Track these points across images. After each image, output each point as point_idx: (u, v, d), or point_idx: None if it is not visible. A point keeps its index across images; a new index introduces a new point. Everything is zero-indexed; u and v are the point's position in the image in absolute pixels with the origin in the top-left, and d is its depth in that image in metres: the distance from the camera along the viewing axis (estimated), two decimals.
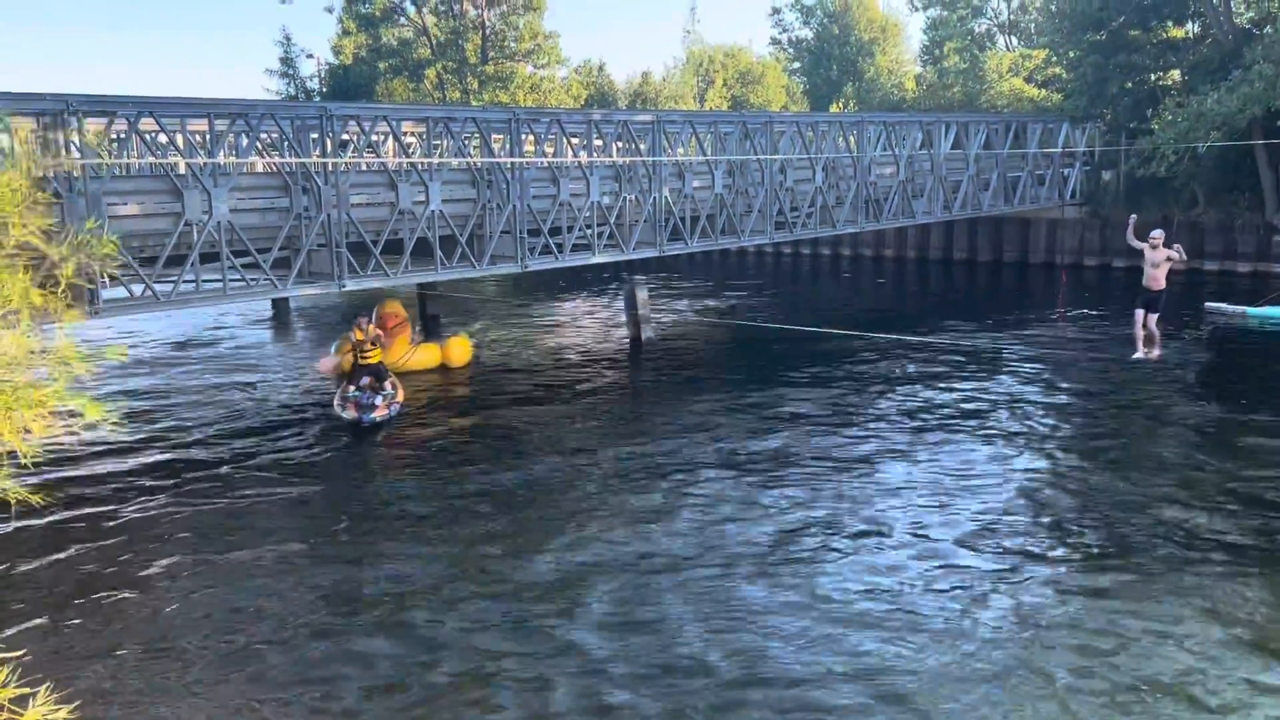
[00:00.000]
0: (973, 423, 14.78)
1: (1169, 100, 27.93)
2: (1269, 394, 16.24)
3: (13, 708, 4.45)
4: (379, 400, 15.63)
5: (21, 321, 4.38)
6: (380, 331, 17.25)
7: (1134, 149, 29.15)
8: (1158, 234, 16.99)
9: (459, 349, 20.08)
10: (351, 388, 16.07)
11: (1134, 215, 18.61)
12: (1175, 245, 16.83)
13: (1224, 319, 21.80)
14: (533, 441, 14.52)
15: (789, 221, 22.36)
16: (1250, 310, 22.11)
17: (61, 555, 10.53)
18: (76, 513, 11.71)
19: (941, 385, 16.98)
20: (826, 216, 23.15)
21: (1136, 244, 17.62)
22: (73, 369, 4.39)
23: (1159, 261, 16.77)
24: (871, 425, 14.79)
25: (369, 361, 16.44)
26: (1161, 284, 16.87)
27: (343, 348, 17.37)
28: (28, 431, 4.41)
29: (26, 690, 4.52)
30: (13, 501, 4.64)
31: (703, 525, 11.02)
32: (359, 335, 16.48)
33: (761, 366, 18.66)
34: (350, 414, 15.24)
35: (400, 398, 16.21)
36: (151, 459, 13.84)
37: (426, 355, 19.65)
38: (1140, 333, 17.23)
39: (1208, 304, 23.30)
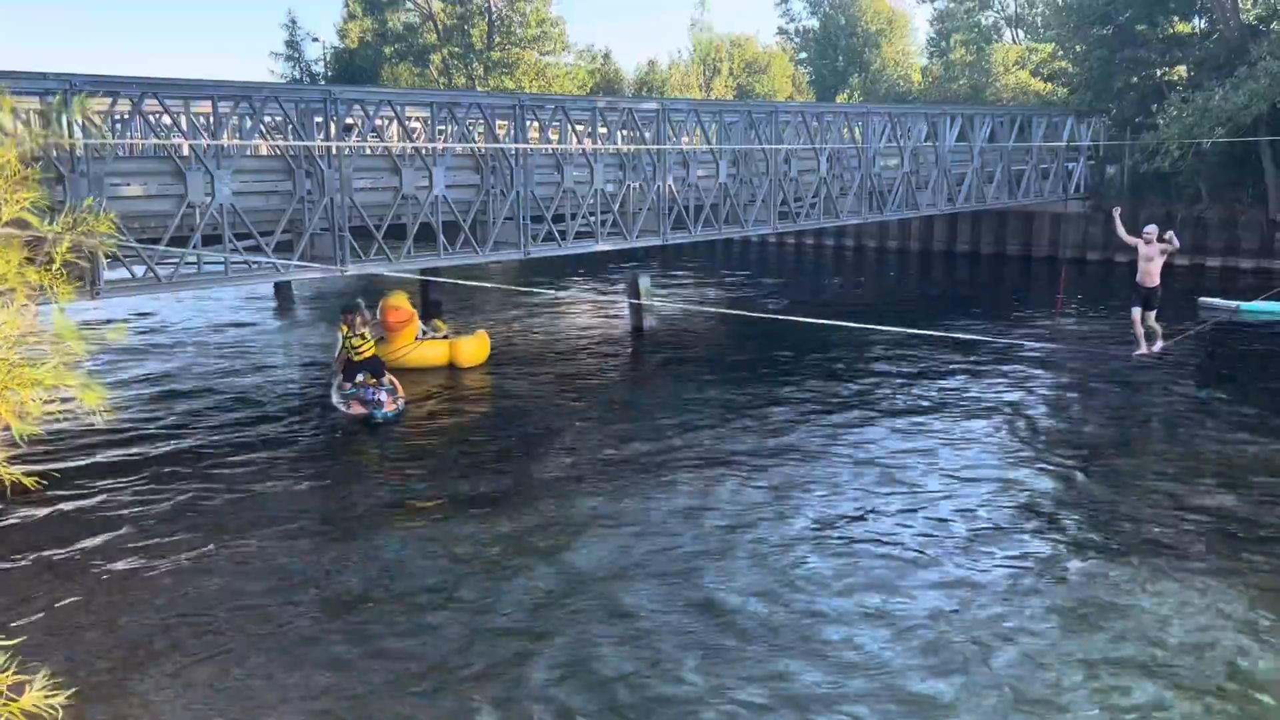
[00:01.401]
0: (967, 414, 14.80)
1: (1174, 95, 27.86)
2: (1266, 387, 16.25)
3: (9, 694, 4.46)
4: (384, 395, 14.93)
5: (16, 299, 4.36)
6: (371, 321, 16.28)
7: (1139, 144, 29.09)
8: (1151, 229, 16.91)
9: (474, 346, 18.56)
10: (348, 385, 15.36)
11: (1118, 208, 18.51)
12: (1168, 233, 16.75)
13: (1216, 314, 21.83)
14: (534, 429, 14.54)
15: (793, 212, 22.34)
16: (1242, 305, 22.13)
17: (60, 541, 10.54)
18: (75, 499, 11.72)
19: (939, 378, 17.01)
20: (830, 207, 23.13)
21: (1128, 239, 17.47)
22: (69, 348, 4.38)
23: (1153, 256, 16.69)
24: (871, 416, 14.81)
25: (363, 357, 15.63)
26: (1156, 279, 16.77)
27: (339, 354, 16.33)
28: (24, 412, 4.41)
29: (24, 677, 4.54)
30: (8, 482, 4.63)
31: (703, 516, 11.04)
32: (345, 330, 15.65)
33: (762, 356, 18.67)
34: (357, 411, 14.70)
35: (401, 393, 15.49)
36: (152, 446, 13.85)
37: (431, 351, 18.22)
38: (1140, 331, 17.16)
39: (1200, 299, 23.31)
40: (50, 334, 4.38)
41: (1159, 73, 31.63)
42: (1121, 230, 17.56)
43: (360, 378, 15.42)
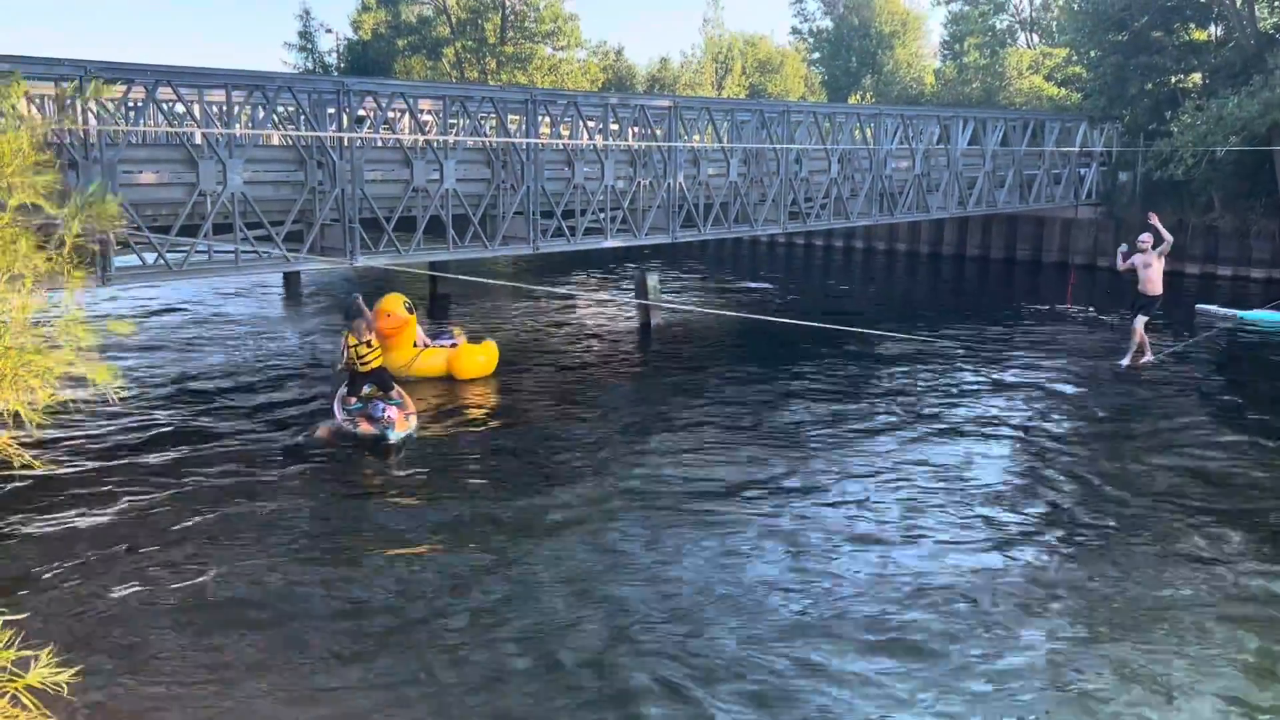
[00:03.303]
0: (971, 418, 14.77)
1: (1189, 103, 27.77)
2: (1261, 394, 16.23)
3: (15, 670, 4.48)
4: (393, 411, 13.50)
5: (26, 284, 4.38)
6: (375, 329, 14.81)
7: (1152, 151, 29.00)
8: (1145, 238, 16.76)
9: (478, 357, 16.99)
10: (353, 400, 14.14)
11: (1124, 246, 17.64)
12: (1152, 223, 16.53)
13: (1214, 322, 21.82)
14: (540, 429, 14.55)
15: (803, 212, 22.31)
16: (1241, 314, 22.12)
17: (68, 522, 10.59)
18: (85, 482, 11.77)
19: (943, 384, 16.97)
20: (840, 208, 23.10)
21: (1127, 265, 17.25)
22: (79, 338, 4.40)
23: (1151, 262, 16.55)
24: (873, 419, 14.78)
25: (369, 368, 14.32)
26: (1159, 287, 16.63)
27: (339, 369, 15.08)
28: (33, 397, 4.43)
29: (29, 653, 4.55)
30: (16, 464, 4.66)
31: (705, 519, 11.04)
32: (352, 340, 14.27)
33: (769, 355, 18.64)
34: (365, 430, 13.20)
35: (412, 408, 14.18)
36: (158, 434, 13.86)
37: (429, 362, 16.78)
38: (1136, 341, 17.03)
39: (1198, 306, 23.26)
40: (61, 322, 4.40)
41: (1173, 80, 31.52)
42: (1123, 264, 17.30)
43: (366, 390, 14.34)
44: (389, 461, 12.90)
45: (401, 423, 13.31)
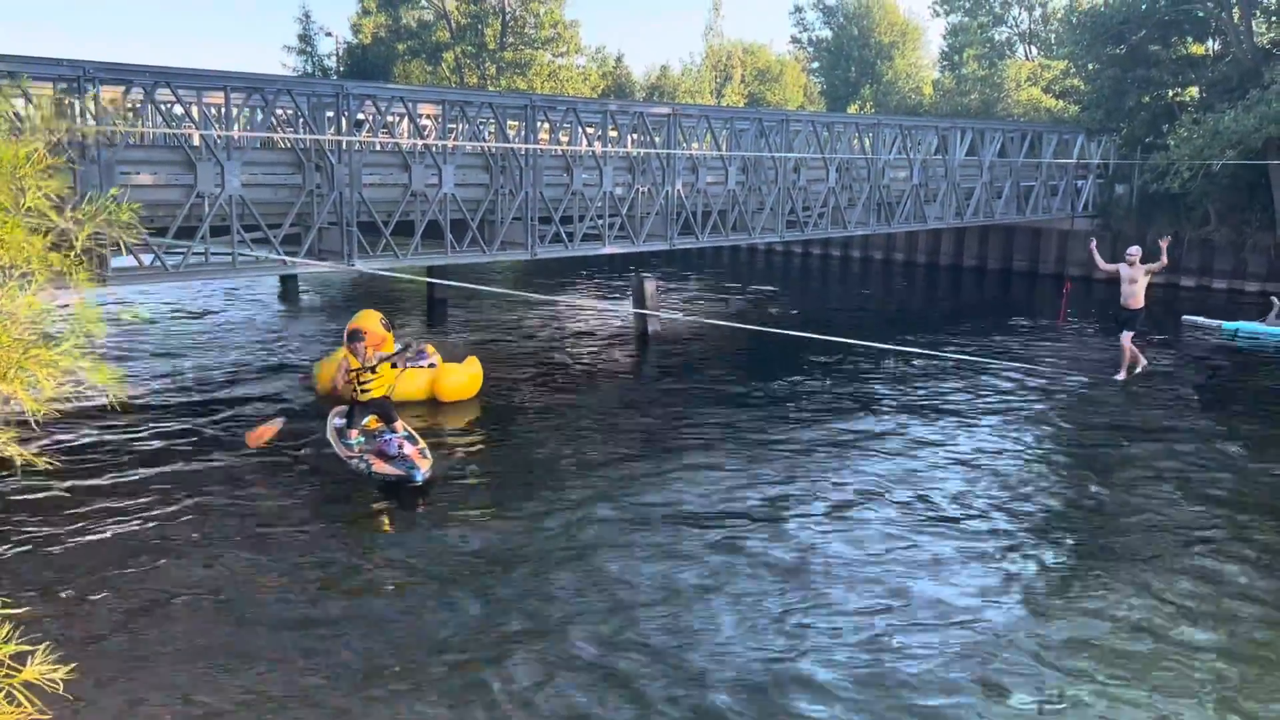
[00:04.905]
0: (964, 430, 14.79)
1: (1185, 116, 27.84)
2: (1252, 406, 16.27)
3: (12, 664, 4.48)
4: (407, 446, 12.14)
5: (36, 282, 4.41)
6: (372, 350, 12.84)
7: (1148, 164, 29.07)
8: (1134, 251, 16.79)
9: (460, 379, 15.73)
10: (354, 433, 12.66)
11: (1093, 239, 18.67)
12: (1163, 242, 16.67)
13: (1201, 333, 21.94)
14: (535, 430, 14.55)
15: (801, 221, 22.35)
16: (1226, 325, 22.23)
17: (64, 522, 10.56)
18: (81, 482, 11.72)
19: (937, 395, 16.98)
20: (838, 217, 23.14)
21: (1107, 268, 17.27)
22: (87, 330, 4.42)
23: (1136, 278, 16.58)
24: (869, 431, 14.78)
25: (370, 396, 12.58)
26: (1141, 302, 16.66)
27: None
28: (38, 391, 4.44)
29: (26, 648, 4.55)
30: (18, 462, 4.66)
31: (706, 526, 11.04)
32: (354, 363, 12.51)
33: (765, 364, 18.64)
34: (381, 470, 11.74)
35: (422, 442, 12.69)
36: (155, 436, 13.83)
37: (410, 384, 15.07)
38: (1126, 355, 17.08)
39: (1184, 317, 23.37)
40: (68, 316, 4.42)
41: (1170, 93, 31.63)
42: (1100, 260, 17.39)
43: (365, 422, 12.94)
44: (388, 486, 12.10)
45: (420, 459, 11.96)
